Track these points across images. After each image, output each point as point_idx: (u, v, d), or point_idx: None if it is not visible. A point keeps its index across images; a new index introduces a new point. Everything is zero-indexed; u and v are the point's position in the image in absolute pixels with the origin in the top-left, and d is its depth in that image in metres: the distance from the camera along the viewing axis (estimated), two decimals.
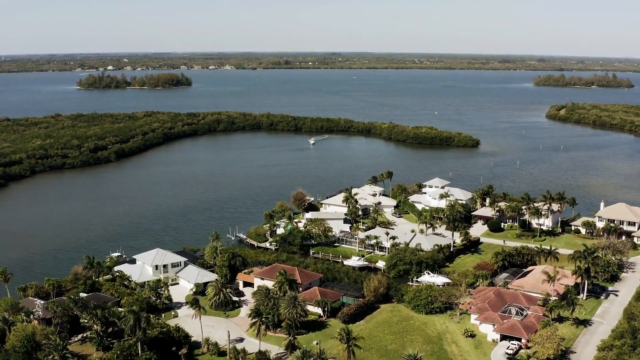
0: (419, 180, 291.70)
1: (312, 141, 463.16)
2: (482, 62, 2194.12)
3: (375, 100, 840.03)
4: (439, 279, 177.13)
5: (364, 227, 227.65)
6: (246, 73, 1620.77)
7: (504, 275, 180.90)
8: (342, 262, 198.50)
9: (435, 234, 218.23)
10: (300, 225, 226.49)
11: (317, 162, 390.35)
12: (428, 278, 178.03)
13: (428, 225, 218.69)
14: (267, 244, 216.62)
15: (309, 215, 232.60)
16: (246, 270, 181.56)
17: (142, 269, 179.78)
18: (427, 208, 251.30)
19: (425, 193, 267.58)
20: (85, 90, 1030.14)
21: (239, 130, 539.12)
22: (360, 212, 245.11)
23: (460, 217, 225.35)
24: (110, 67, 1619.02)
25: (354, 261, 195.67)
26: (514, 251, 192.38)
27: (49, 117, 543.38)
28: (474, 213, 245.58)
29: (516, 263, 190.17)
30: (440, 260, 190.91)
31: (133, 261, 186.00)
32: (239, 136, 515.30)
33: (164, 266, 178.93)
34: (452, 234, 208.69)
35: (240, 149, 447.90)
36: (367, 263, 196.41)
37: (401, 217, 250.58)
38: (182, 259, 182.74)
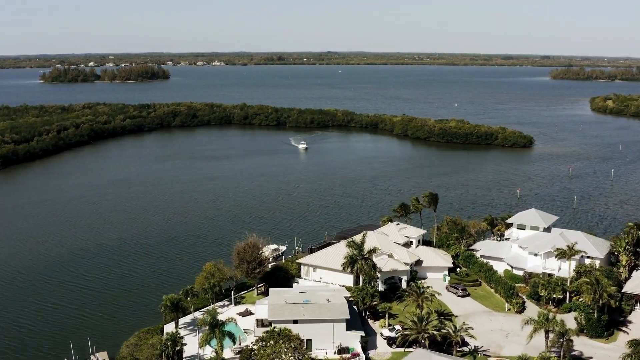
0: (473, 205, 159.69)
1: (302, 145, 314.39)
2: (484, 59, 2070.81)
3: (370, 91, 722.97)
4: None
5: (393, 334, 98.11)
6: (236, 69, 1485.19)
7: None
8: None
9: (571, 356, 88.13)
10: (247, 335, 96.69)
11: (305, 175, 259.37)
12: None
13: (557, 336, 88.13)
14: None
15: (264, 311, 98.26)
16: None
17: None
18: (521, 274, 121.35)
19: (507, 239, 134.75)
20: (48, 84, 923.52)
21: (202, 126, 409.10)
22: (382, 287, 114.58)
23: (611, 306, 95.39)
24: (91, 64, 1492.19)
25: None
26: None
27: None
28: (626, 290, 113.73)
29: None
30: None
31: None
32: (201, 133, 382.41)
33: None
34: None
35: (189, 155, 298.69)
36: None
37: (468, 294, 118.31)
38: None
